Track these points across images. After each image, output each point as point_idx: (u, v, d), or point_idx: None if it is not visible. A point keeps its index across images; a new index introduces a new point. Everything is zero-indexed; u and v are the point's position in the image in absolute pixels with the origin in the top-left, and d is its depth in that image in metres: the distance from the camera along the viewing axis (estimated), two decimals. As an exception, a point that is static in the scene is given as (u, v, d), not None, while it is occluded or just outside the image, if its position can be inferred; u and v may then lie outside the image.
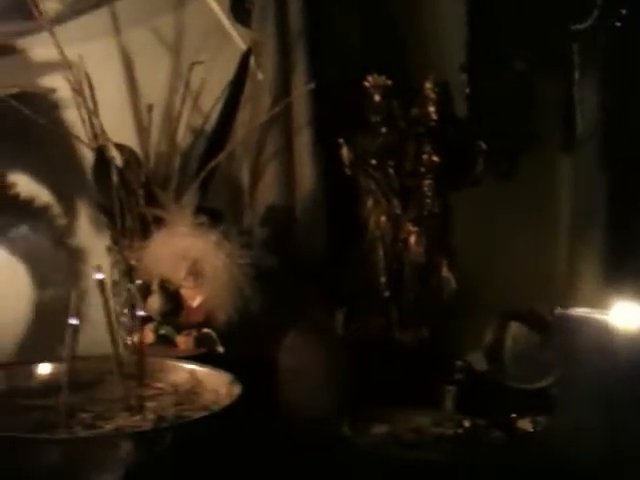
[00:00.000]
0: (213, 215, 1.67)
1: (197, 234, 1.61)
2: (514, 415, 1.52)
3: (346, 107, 1.81)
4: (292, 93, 1.83)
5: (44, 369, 1.38)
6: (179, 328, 1.66)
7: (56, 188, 1.84)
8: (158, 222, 1.67)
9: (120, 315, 1.70)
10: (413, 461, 1.32)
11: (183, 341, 1.65)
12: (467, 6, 1.83)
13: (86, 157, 1.80)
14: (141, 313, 1.39)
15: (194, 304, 1.67)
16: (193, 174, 1.78)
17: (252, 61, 1.83)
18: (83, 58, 1.72)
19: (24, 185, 1.81)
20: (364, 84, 1.78)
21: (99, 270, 1.24)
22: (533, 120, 1.86)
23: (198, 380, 1.37)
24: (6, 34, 1.75)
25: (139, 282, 1.67)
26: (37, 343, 1.80)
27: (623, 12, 1.82)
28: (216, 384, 1.33)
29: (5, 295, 1.79)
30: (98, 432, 1.17)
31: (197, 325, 1.65)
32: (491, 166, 1.80)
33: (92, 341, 1.35)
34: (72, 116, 1.78)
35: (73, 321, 1.17)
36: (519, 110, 1.86)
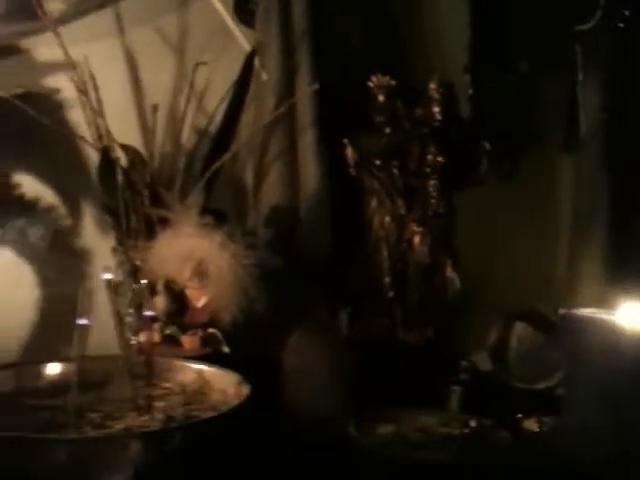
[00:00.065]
0: (218, 216, 1.67)
1: (202, 235, 1.61)
2: (519, 415, 1.52)
3: (350, 107, 1.81)
4: (296, 93, 1.83)
5: (52, 369, 1.37)
6: (184, 328, 1.66)
7: (61, 189, 1.84)
8: (163, 223, 1.67)
9: (125, 315, 1.70)
10: (420, 461, 1.32)
11: (189, 341, 1.65)
12: (470, 7, 1.83)
13: (91, 158, 1.81)
14: (149, 313, 1.39)
15: (199, 304, 1.67)
16: (198, 175, 1.78)
17: (256, 62, 1.83)
18: (88, 58, 1.72)
19: (29, 186, 1.82)
20: (368, 84, 1.78)
21: (108, 270, 1.24)
22: (536, 120, 1.86)
23: (206, 380, 1.37)
24: (11, 34, 1.75)
25: (144, 282, 1.67)
26: (42, 344, 1.80)
27: (626, 13, 1.82)
28: (224, 384, 1.33)
29: (10, 296, 1.79)
30: (108, 432, 1.18)
31: (202, 325, 1.65)
32: (494, 166, 1.80)
33: (97, 342, 1.35)
34: (77, 116, 1.78)
35: (82, 321, 1.17)
36: (522, 111, 1.85)
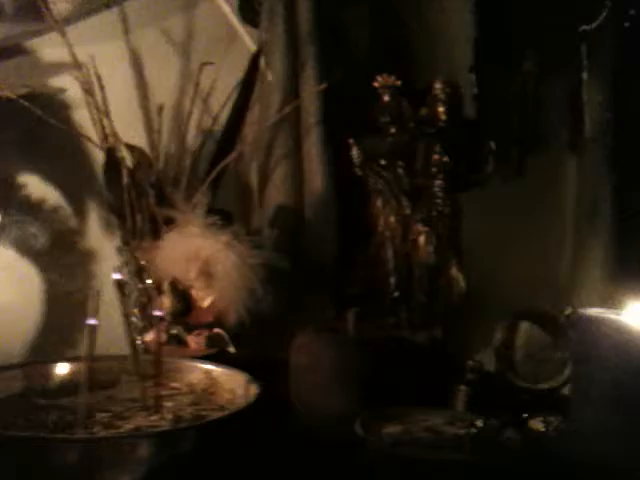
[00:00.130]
0: (224, 216, 1.67)
1: (208, 235, 1.61)
2: (525, 415, 1.52)
3: (355, 107, 1.81)
4: (301, 93, 1.82)
5: (61, 369, 1.37)
6: (189, 328, 1.66)
7: (66, 189, 1.84)
8: (168, 223, 1.67)
9: (130, 315, 1.70)
10: (431, 461, 1.32)
11: (194, 341, 1.65)
12: (476, 6, 1.83)
13: (97, 158, 1.80)
14: (158, 313, 1.39)
15: (204, 304, 1.67)
16: (203, 175, 1.78)
17: (262, 62, 1.83)
18: (94, 58, 1.72)
19: (34, 186, 1.81)
20: (373, 84, 1.78)
21: (117, 271, 1.24)
22: (541, 120, 1.86)
23: (214, 380, 1.37)
24: (17, 35, 1.75)
25: (149, 282, 1.67)
26: (46, 345, 1.80)
27: (631, 13, 1.82)
28: (232, 384, 1.33)
29: (15, 297, 1.79)
30: (118, 432, 1.17)
31: (208, 325, 1.65)
32: (500, 166, 1.80)
33: (102, 342, 1.34)
34: (83, 117, 1.78)
35: (91, 321, 1.17)
36: (527, 111, 1.86)
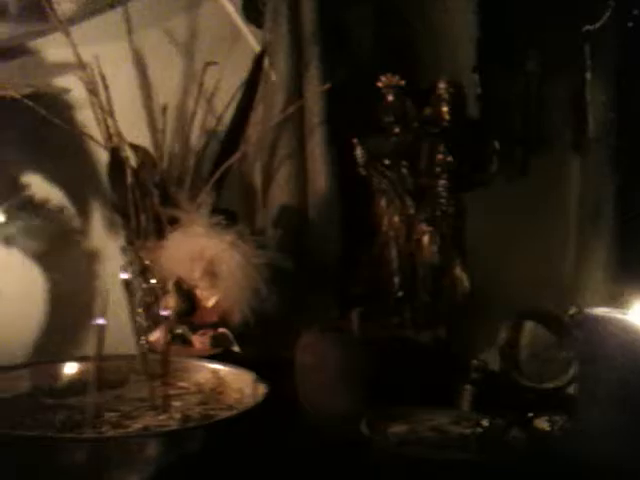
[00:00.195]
0: (228, 215, 1.66)
1: (212, 234, 1.61)
2: (531, 414, 1.52)
3: (359, 107, 1.81)
4: (305, 93, 1.82)
5: (69, 368, 1.37)
6: (194, 328, 1.66)
7: (70, 189, 1.84)
8: (172, 222, 1.67)
9: (135, 315, 1.70)
10: (438, 460, 1.32)
11: (199, 341, 1.65)
12: (479, 6, 1.83)
13: (100, 157, 1.80)
14: (165, 312, 1.39)
15: (209, 304, 1.67)
16: (207, 175, 1.78)
17: (266, 62, 1.83)
18: (98, 58, 1.72)
19: (38, 185, 1.81)
20: (377, 84, 1.78)
21: (124, 270, 1.24)
22: (545, 120, 1.86)
23: (222, 379, 1.37)
24: (21, 35, 1.75)
25: (154, 282, 1.67)
26: (51, 344, 1.80)
27: (635, 13, 1.82)
28: (240, 383, 1.33)
29: (19, 296, 1.79)
30: (128, 432, 1.17)
31: (212, 325, 1.65)
32: (503, 166, 1.81)
33: (109, 341, 1.34)
34: (87, 116, 1.78)
35: (100, 321, 1.17)
36: (531, 111, 1.86)
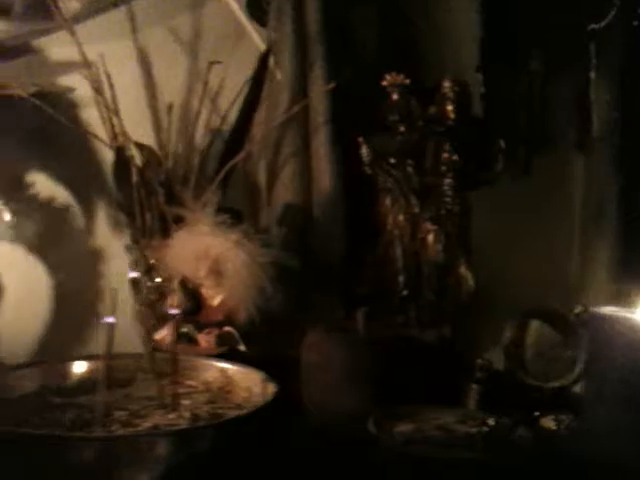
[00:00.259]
0: (234, 214, 1.66)
1: (218, 233, 1.61)
2: (537, 413, 1.53)
3: (364, 106, 1.81)
4: (310, 92, 1.82)
5: (78, 367, 1.37)
6: (199, 327, 1.66)
7: (75, 187, 1.83)
8: (178, 221, 1.67)
9: (142, 313, 1.70)
10: (444, 459, 1.32)
11: (205, 339, 1.64)
12: (484, 5, 1.83)
13: (105, 156, 1.80)
14: (173, 311, 1.39)
15: (214, 303, 1.67)
16: (212, 174, 1.78)
17: (271, 61, 1.83)
18: (103, 57, 1.72)
19: (43, 184, 1.81)
20: (382, 83, 1.78)
21: (133, 269, 1.23)
22: (549, 120, 1.86)
23: (230, 378, 1.37)
24: (26, 33, 1.75)
25: (159, 280, 1.67)
26: (55, 343, 1.80)
27: (640, 11, 1.82)
28: (249, 382, 1.33)
29: (23, 295, 1.79)
30: (138, 430, 1.17)
31: (218, 323, 1.65)
32: (508, 165, 1.81)
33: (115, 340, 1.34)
34: (91, 115, 1.78)
35: (109, 320, 1.17)
36: (535, 110, 1.86)
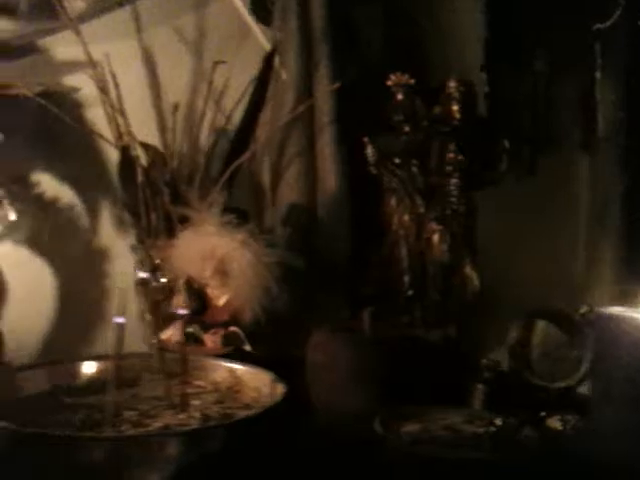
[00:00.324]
0: (239, 214, 1.66)
1: (223, 233, 1.61)
2: (543, 413, 1.53)
3: (369, 106, 1.81)
4: (315, 92, 1.82)
5: (87, 367, 1.36)
6: (205, 327, 1.66)
7: (80, 187, 1.83)
8: (183, 221, 1.67)
9: (145, 313, 1.70)
10: (452, 459, 1.32)
11: (211, 340, 1.64)
12: (489, 5, 1.83)
13: (110, 156, 1.80)
14: (182, 311, 1.39)
15: (220, 303, 1.67)
16: (217, 174, 1.78)
17: (276, 60, 1.83)
18: (109, 57, 1.71)
19: (48, 183, 1.81)
20: (387, 83, 1.78)
21: (141, 269, 1.23)
22: (554, 120, 1.86)
23: (238, 378, 1.37)
24: (31, 33, 1.74)
25: (164, 280, 1.67)
26: (60, 342, 1.80)
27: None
28: (257, 382, 1.33)
29: (28, 295, 1.79)
30: (149, 430, 1.17)
31: (224, 324, 1.65)
32: (513, 165, 1.81)
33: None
34: (97, 115, 1.77)
35: (119, 320, 1.17)
36: (540, 110, 1.86)
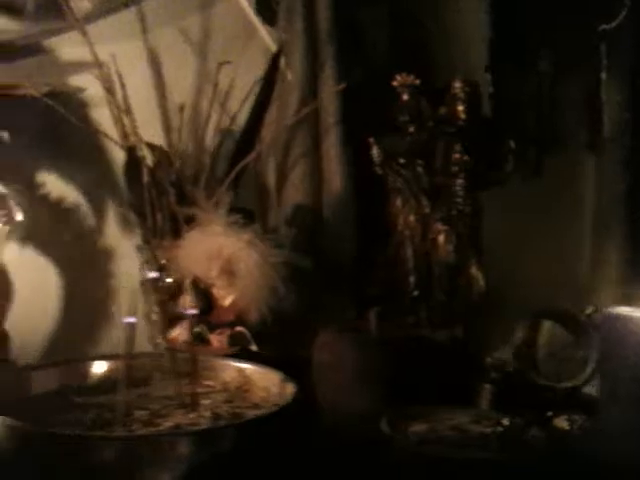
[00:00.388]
0: (246, 214, 1.67)
1: (230, 233, 1.61)
2: (550, 413, 1.53)
3: (374, 107, 1.81)
4: (320, 93, 1.83)
5: (98, 367, 1.36)
6: (211, 327, 1.66)
7: (85, 187, 1.83)
8: (189, 221, 1.67)
9: (151, 313, 1.70)
10: (455, 459, 1.32)
11: (217, 340, 1.65)
12: (494, 5, 1.83)
13: (116, 156, 1.80)
14: (191, 311, 1.39)
15: (225, 303, 1.67)
16: (222, 174, 1.78)
17: (282, 61, 1.83)
18: (115, 57, 1.71)
19: (54, 184, 1.81)
20: (392, 83, 1.78)
21: (151, 270, 1.23)
22: (560, 120, 1.86)
23: (247, 378, 1.37)
24: (37, 33, 1.75)
25: (169, 280, 1.67)
26: (66, 342, 1.80)
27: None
28: (266, 382, 1.33)
29: (34, 295, 1.79)
30: (160, 430, 1.17)
31: (230, 324, 1.65)
32: (519, 166, 1.81)
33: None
34: (102, 115, 1.77)
35: (130, 319, 1.17)
36: (545, 110, 1.86)
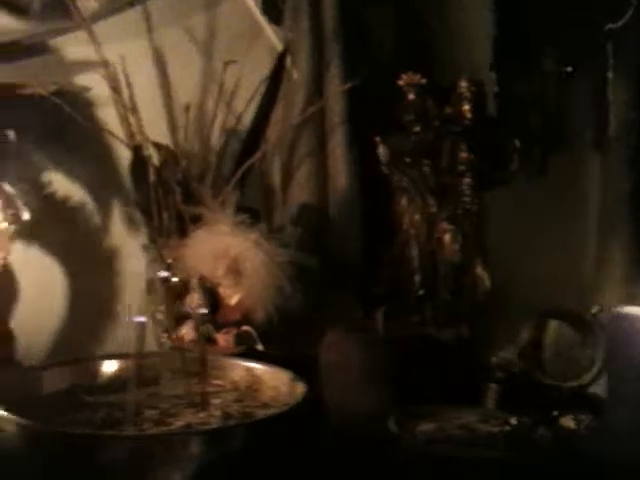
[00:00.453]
0: (252, 214, 1.67)
1: (236, 232, 1.61)
2: (556, 413, 1.53)
3: (380, 106, 1.81)
4: (326, 93, 1.83)
5: (108, 366, 1.37)
6: (217, 326, 1.66)
7: (91, 186, 1.83)
8: (195, 220, 1.67)
9: (156, 312, 1.70)
10: (463, 458, 1.32)
11: (223, 339, 1.65)
12: (500, 4, 1.83)
13: (121, 155, 1.80)
14: (202, 310, 1.39)
15: (232, 302, 1.67)
16: (228, 173, 1.78)
17: (288, 60, 1.83)
18: (122, 57, 1.72)
19: (60, 183, 1.81)
20: (398, 82, 1.78)
21: (163, 268, 1.24)
22: (566, 119, 1.86)
23: (256, 377, 1.37)
24: (44, 32, 1.75)
25: (176, 279, 1.67)
26: (71, 341, 1.80)
27: (658, 11, 1.82)
28: (275, 381, 1.34)
29: (39, 294, 1.79)
30: (171, 429, 1.17)
31: (236, 323, 1.65)
32: (523, 165, 1.81)
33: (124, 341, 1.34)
34: (108, 114, 1.77)
35: (140, 319, 1.17)
36: (552, 109, 1.86)
